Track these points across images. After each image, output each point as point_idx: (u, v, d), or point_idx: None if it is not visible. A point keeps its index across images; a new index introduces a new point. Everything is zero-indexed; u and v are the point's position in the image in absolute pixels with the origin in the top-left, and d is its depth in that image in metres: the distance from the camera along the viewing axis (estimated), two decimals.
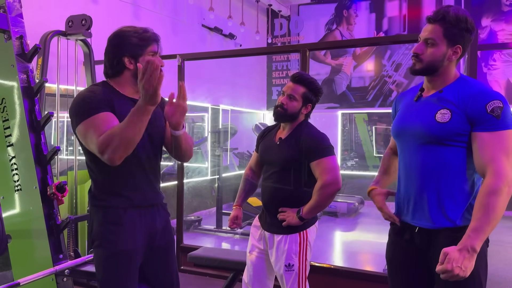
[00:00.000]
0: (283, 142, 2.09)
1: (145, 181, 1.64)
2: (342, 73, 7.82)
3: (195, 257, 2.86)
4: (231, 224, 2.31)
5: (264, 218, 2.16)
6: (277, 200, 2.07)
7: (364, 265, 4.32)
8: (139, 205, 1.61)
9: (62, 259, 2.04)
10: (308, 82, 2.08)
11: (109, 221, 1.56)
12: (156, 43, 1.61)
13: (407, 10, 7.35)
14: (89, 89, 1.58)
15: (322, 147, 2.02)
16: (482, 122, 1.40)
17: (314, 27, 7.97)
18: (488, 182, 1.36)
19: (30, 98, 2.12)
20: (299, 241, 2.02)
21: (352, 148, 7.86)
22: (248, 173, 2.35)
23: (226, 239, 5.14)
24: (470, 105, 1.42)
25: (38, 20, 3.79)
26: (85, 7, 4.27)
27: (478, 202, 1.36)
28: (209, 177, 6.35)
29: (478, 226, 1.33)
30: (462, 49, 1.49)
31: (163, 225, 1.70)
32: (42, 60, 3.28)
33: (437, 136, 1.46)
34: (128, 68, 1.59)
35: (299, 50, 3.30)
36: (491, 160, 1.37)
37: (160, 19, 5.50)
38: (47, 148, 2.12)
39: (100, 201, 1.59)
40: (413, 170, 1.54)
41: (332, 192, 1.99)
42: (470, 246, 1.31)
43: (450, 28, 1.46)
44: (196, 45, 6.15)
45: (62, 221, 2.07)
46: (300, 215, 1.99)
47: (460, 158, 1.46)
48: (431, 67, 1.51)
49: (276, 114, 2.09)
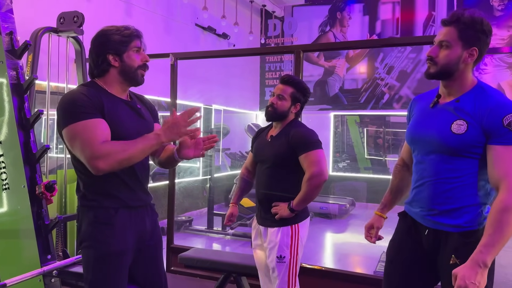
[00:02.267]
0: (274, 139, 2.22)
1: (136, 181, 1.62)
2: (335, 75, 7.84)
3: (185, 258, 2.84)
4: (227, 221, 2.43)
5: (259, 213, 2.27)
6: (270, 195, 2.18)
7: (354, 267, 4.32)
8: (130, 205, 1.59)
9: (50, 260, 2.00)
10: (295, 83, 2.23)
11: (99, 221, 1.54)
12: (139, 38, 1.63)
13: (400, 13, 7.40)
14: (80, 90, 1.55)
15: (309, 141, 2.12)
16: (498, 135, 1.39)
17: (308, 29, 7.98)
18: (502, 198, 1.35)
19: (19, 96, 2.08)
20: (291, 234, 2.13)
21: (343, 150, 7.88)
22: (244, 172, 2.48)
23: (217, 240, 5.12)
24: (487, 117, 1.41)
25: (30, 16, 3.74)
26: (77, 4, 4.21)
27: (491, 218, 1.35)
28: (201, 177, 6.32)
29: (490, 242, 1.33)
30: (479, 52, 1.46)
31: (152, 226, 1.69)
32: (32, 57, 3.23)
33: (452, 148, 1.46)
34: (113, 66, 1.59)
35: (293, 51, 3.29)
36: (506, 175, 1.36)
37: (153, 17, 5.46)
38: (36, 147, 2.08)
39: (91, 201, 1.56)
40: (427, 176, 1.55)
41: (319, 183, 2.08)
42: (482, 262, 1.31)
43: (465, 29, 1.44)
44: (189, 44, 6.12)
45: (50, 220, 2.03)
46: (291, 207, 2.10)
47: (473, 168, 1.46)
48: (446, 70, 1.48)
49: (267, 114, 2.23)
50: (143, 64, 1.63)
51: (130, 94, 1.72)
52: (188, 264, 2.84)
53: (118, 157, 1.44)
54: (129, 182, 1.59)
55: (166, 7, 5.72)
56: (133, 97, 1.72)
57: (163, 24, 5.68)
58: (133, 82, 1.64)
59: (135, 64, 1.61)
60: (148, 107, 1.77)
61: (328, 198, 6.70)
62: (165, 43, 5.53)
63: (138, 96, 1.77)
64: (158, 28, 5.57)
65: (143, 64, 1.64)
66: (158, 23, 5.57)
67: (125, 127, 1.56)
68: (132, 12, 5.07)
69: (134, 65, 1.61)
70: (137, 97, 1.76)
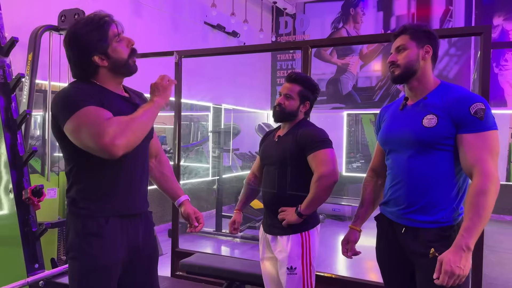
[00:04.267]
0: (281, 139, 2.09)
1: (133, 186, 1.50)
2: (348, 73, 7.64)
3: (187, 264, 2.72)
4: (231, 229, 2.28)
5: (265, 220, 2.12)
6: (277, 199, 2.03)
7: (369, 273, 4.14)
8: (123, 214, 1.47)
9: (38, 269, 1.89)
10: (303, 80, 2.08)
11: (88, 231, 1.41)
12: (113, 22, 1.45)
13: (415, 8, 7.16)
14: (72, 85, 1.43)
15: (318, 139, 1.98)
16: (466, 124, 1.46)
17: (320, 26, 7.80)
18: (476, 182, 1.41)
19: (5, 95, 1.97)
20: (302, 242, 1.96)
21: (358, 149, 7.68)
22: (250, 178, 2.32)
23: (225, 243, 4.99)
24: (455, 108, 1.49)
25: (32, 15, 3.67)
26: (82, 2, 4.13)
27: (468, 202, 1.41)
28: (210, 178, 6.20)
29: (471, 225, 1.38)
30: (433, 49, 1.60)
31: (145, 236, 1.56)
32: (32, 56, 3.14)
33: (425, 141, 1.52)
34: (102, 66, 1.45)
35: (300, 47, 3.12)
36: (477, 160, 1.43)
37: (160, 15, 5.35)
38: (24, 149, 1.97)
39: (80, 208, 1.44)
40: (402, 175, 1.60)
41: (328, 184, 1.91)
42: (465, 245, 1.36)
43: (414, 32, 1.61)
44: (198, 43, 6.01)
45: (38, 227, 1.92)
46: (299, 211, 1.93)
47: (447, 162, 1.52)
48: (409, 68, 1.59)
49: (275, 115, 2.09)
50: (131, 51, 1.48)
51: (128, 90, 1.60)
52: (190, 270, 2.72)
53: (131, 126, 1.32)
54: (125, 187, 1.47)
55: (173, 5, 5.61)
56: (131, 94, 1.60)
57: (171, 22, 5.57)
58: (127, 74, 1.51)
59: (124, 56, 1.45)
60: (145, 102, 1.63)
61: (341, 199, 6.51)
62: (173, 41, 5.42)
63: (136, 93, 1.66)
64: (166, 27, 5.47)
65: (131, 50, 1.48)
66: (166, 21, 5.47)
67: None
68: (139, 10, 4.98)
69: (124, 57, 1.46)
70: (135, 94, 1.64)
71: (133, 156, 1.47)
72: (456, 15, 6.93)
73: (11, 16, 3.52)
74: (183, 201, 1.73)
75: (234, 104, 6.82)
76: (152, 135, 1.65)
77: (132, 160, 1.47)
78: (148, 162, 1.63)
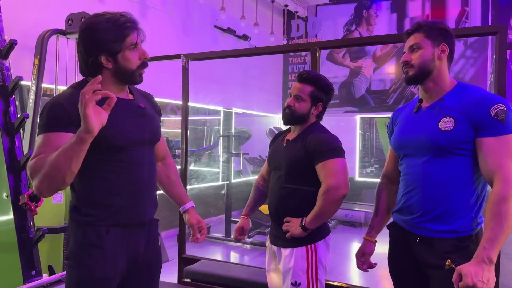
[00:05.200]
0: (289, 144, 1.92)
1: (138, 193, 1.43)
2: (361, 76, 7.51)
3: (192, 272, 2.66)
4: (236, 235, 2.12)
5: (271, 230, 1.99)
6: (283, 209, 1.89)
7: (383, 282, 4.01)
8: (125, 223, 1.40)
9: (35, 276, 1.85)
10: (314, 79, 1.90)
11: (88, 242, 1.36)
12: (136, 30, 1.37)
13: (430, 10, 7.01)
14: (61, 97, 1.36)
15: (328, 148, 1.80)
16: (486, 127, 1.37)
17: (333, 28, 7.70)
18: (498, 189, 1.32)
19: (4, 98, 1.94)
20: (307, 256, 1.82)
21: (372, 154, 7.54)
22: (259, 181, 2.18)
23: (235, 249, 4.91)
24: (474, 110, 1.40)
25: (42, 20, 3.67)
26: (91, 6, 4.14)
27: (489, 211, 1.32)
28: (220, 182, 6.14)
29: (492, 236, 1.29)
30: (449, 48, 1.51)
31: (148, 247, 1.50)
32: (39, 60, 3.14)
33: (442, 145, 1.43)
34: (106, 68, 1.38)
35: (309, 48, 3.04)
36: (499, 166, 1.34)
37: (170, 19, 5.34)
38: (22, 153, 1.93)
39: (81, 216, 1.38)
40: (417, 181, 1.50)
41: (337, 198, 1.75)
42: (487, 257, 1.28)
43: (429, 30, 1.51)
44: (208, 46, 5.97)
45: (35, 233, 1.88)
46: (303, 225, 1.79)
47: (465, 168, 1.43)
48: (424, 69, 1.50)
49: (285, 117, 1.94)
50: (141, 63, 1.40)
51: (132, 91, 1.53)
52: (195, 278, 2.66)
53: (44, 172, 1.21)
54: (129, 195, 1.40)
55: (184, 9, 5.59)
56: (135, 95, 1.53)
57: (181, 26, 5.55)
58: (130, 83, 1.44)
59: (132, 66, 1.38)
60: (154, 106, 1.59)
61: (354, 205, 6.38)
62: (183, 45, 5.40)
63: (142, 93, 1.58)
64: (176, 31, 5.45)
65: (142, 63, 1.40)
66: (175, 25, 5.45)
67: (120, 128, 1.37)
68: (147, 14, 4.96)
69: (132, 67, 1.38)
70: (141, 94, 1.57)
71: (138, 161, 1.42)
72: (472, 16, 6.75)
73: (20, 21, 3.53)
74: (187, 208, 1.69)
75: (245, 108, 6.76)
76: (159, 138, 1.58)
77: (136, 165, 1.41)
78: (155, 167, 1.56)
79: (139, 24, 1.41)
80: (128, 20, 1.37)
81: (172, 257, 4.16)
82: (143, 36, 1.42)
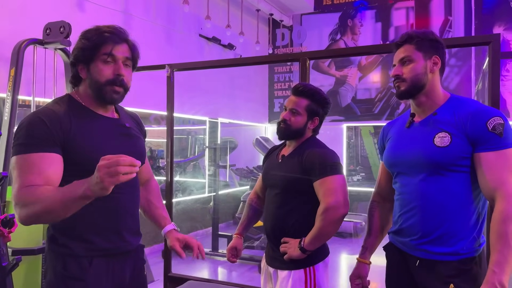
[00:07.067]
0: (285, 160, 1.83)
1: (121, 220, 1.33)
2: (347, 85, 7.50)
3: None
4: (229, 256, 1.99)
5: (267, 250, 1.88)
6: (280, 229, 1.78)
7: None
8: (109, 253, 1.30)
9: None
10: (311, 93, 1.82)
11: (68, 275, 1.24)
12: (111, 42, 1.28)
13: (414, 19, 7.05)
14: (42, 113, 1.26)
15: (326, 164, 1.71)
16: (484, 141, 1.31)
17: (318, 38, 7.69)
18: (501, 208, 1.25)
19: None
20: (305, 280, 1.72)
21: (358, 162, 7.50)
22: (252, 198, 2.08)
23: (222, 264, 4.76)
24: (470, 124, 1.33)
25: (18, 29, 3.51)
26: (70, 15, 3.99)
27: (495, 232, 1.25)
28: (206, 194, 5.99)
29: (501, 259, 1.22)
30: (441, 60, 1.44)
31: (134, 275, 1.40)
32: (14, 71, 2.97)
33: (439, 162, 1.35)
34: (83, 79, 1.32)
35: (298, 59, 2.96)
36: (500, 182, 1.27)
37: (153, 28, 5.21)
38: None
39: (60, 246, 1.27)
40: (414, 201, 1.42)
41: (337, 218, 1.66)
42: (498, 282, 1.20)
43: (420, 42, 1.44)
44: (194, 55, 5.86)
45: (9, 262, 1.72)
46: (302, 246, 1.68)
47: (463, 185, 1.36)
48: (416, 83, 1.42)
49: (280, 132, 1.85)
50: (113, 78, 1.28)
51: (118, 110, 1.43)
52: None
53: (34, 209, 1.11)
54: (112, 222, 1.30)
55: (167, 17, 5.47)
56: (121, 114, 1.43)
57: (165, 35, 5.43)
58: (100, 99, 1.32)
59: (101, 79, 1.28)
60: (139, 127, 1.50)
61: None
62: (167, 55, 5.27)
63: (129, 113, 1.49)
64: (159, 40, 5.32)
65: (114, 78, 1.28)
66: (159, 34, 5.32)
67: (103, 149, 1.25)
68: (131, 23, 4.83)
69: (100, 80, 1.28)
70: (127, 114, 1.48)
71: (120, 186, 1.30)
72: (456, 25, 6.82)
73: None
74: (168, 231, 1.57)
75: (231, 118, 6.65)
76: (143, 161, 1.48)
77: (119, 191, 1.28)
78: (139, 191, 1.47)
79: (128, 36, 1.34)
80: (112, 31, 1.29)
81: (157, 276, 3.99)
82: (125, 52, 1.32)
